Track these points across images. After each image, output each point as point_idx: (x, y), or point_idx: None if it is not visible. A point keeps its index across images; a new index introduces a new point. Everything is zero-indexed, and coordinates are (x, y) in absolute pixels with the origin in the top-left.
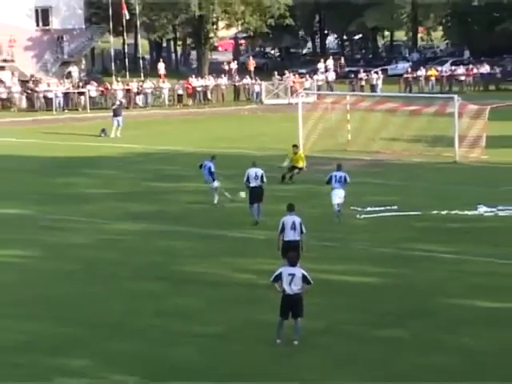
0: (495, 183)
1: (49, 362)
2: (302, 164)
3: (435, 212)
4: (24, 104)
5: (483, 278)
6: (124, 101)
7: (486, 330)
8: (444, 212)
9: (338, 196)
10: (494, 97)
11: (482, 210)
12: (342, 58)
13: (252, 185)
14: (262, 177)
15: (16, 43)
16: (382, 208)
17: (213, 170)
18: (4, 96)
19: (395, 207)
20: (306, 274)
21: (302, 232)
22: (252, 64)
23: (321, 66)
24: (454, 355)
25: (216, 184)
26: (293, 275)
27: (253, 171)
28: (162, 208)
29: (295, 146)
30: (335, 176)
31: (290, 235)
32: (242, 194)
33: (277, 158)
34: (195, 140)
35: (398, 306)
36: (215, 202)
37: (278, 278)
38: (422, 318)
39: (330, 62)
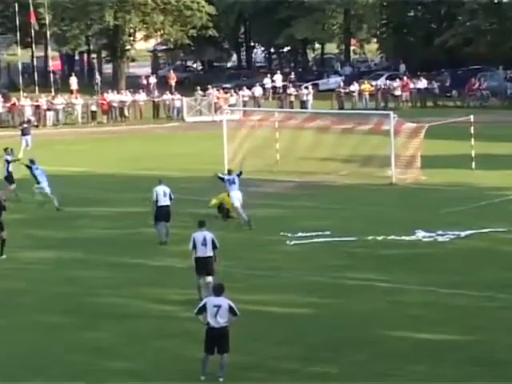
0: (434, 206)
1: None
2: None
3: (371, 237)
4: None
5: (422, 308)
6: (33, 118)
7: (425, 363)
8: (380, 237)
9: (238, 198)
10: (431, 113)
11: (421, 235)
12: (293, 73)
13: (160, 204)
14: (170, 195)
15: None
16: (314, 233)
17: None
18: None
19: (328, 232)
20: (232, 304)
21: (215, 247)
22: (173, 78)
23: (267, 81)
24: None
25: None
26: (218, 307)
27: (161, 189)
28: (73, 234)
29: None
30: (228, 180)
31: (201, 251)
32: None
33: (198, 180)
34: (110, 161)
35: (331, 338)
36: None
37: (203, 309)
38: (356, 351)
39: (278, 77)
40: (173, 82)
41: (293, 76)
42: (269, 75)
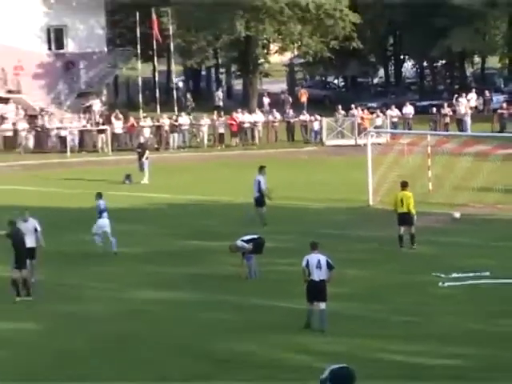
0: None
1: None
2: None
3: None
4: (32, 144)
5: None
6: (153, 139)
7: None
8: None
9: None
10: None
11: None
12: (487, 91)
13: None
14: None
15: (23, 70)
16: (472, 274)
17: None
18: (8, 134)
19: (487, 273)
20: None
21: (331, 268)
22: (304, 95)
23: (463, 101)
24: None
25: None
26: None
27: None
28: (198, 271)
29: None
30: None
31: (315, 274)
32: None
33: (344, 212)
34: (239, 189)
35: None
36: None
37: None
38: None
39: (473, 96)
40: (304, 99)
41: (488, 94)
42: (463, 94)
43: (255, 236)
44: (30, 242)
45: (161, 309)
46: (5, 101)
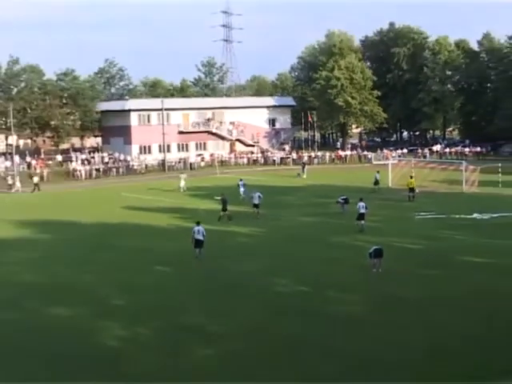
0: (486, 204)
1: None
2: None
3: (452, 216)
4: (262, 161)
5: (474, 251)
6: (307, 160)
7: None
8: (457, 216)
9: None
10: (483, 162)
11: (476, 215)
12: (441, 146)
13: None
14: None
15: (260, 134)
16: (427, 213)
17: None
18: (254, 158)
19: (433, 212)
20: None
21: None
22: (363, 143)
23: (434, 148)
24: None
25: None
26: None
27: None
28: (322, 211)
29: (411, 177)
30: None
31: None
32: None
33: (377, 188)
34: (340, 179)
35: (440, 259)
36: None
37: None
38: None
39: (438, 146)
40: (363, 144)
41: (440, 147)
42: (434, 144)
43: (345, 196)
44: (256, 201)
45: (307, 224)
46: (252, 146)
